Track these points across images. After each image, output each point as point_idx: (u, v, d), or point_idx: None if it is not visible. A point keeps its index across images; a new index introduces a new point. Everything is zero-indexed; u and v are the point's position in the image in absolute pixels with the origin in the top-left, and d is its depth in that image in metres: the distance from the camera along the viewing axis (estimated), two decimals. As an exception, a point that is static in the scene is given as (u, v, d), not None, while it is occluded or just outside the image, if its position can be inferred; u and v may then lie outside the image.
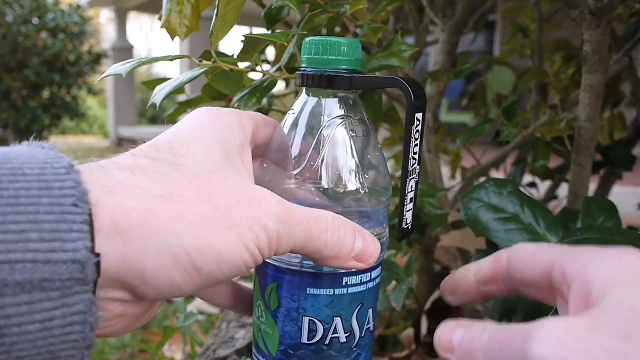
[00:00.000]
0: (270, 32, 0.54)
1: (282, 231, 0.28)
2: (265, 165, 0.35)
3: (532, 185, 1.02)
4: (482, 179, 0.81)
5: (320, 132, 0.33)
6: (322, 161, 0.33)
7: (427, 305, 0.89)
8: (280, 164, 0.34)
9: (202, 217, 0.25)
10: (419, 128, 0.33)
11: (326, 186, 0.33)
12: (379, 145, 0.36)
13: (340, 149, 0.33)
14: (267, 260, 0.34)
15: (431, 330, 0.87)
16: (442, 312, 0.89)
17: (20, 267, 0.21)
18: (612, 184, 0.94)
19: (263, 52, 0.85)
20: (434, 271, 0.90)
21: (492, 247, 0.60)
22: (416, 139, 0.33)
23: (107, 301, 0.25)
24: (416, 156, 0.34)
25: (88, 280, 0.23)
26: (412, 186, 0.34)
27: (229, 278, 0.27)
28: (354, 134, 0.34)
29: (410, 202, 0.34)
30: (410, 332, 0.90)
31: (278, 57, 0.59)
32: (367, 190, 0.33)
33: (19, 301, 0.21)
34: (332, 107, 0.34)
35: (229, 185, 0.28)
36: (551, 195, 1.01)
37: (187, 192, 0.26)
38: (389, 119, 0.84)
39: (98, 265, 0.23)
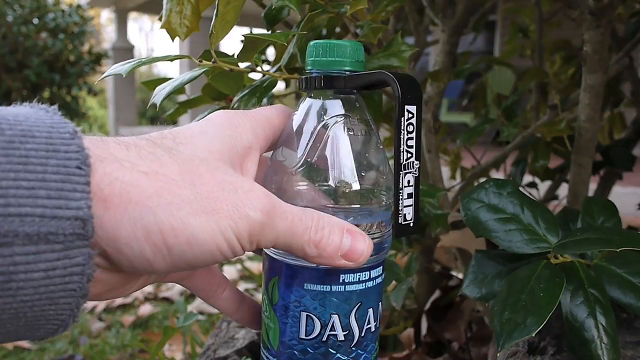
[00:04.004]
0: (270, 32, 0.54)
1: (265, 222, 0.28)
2: (270, 163, 0.36)
3: (532, 185, 1.02)
4: (482, 179, 0.81)
5: (318, 130, 0.34)
6: (321, 159, 0.33)
7: (427, 305, 0.89)
8: (282, 162, 0.35)
9: (180, 198, 0.26)
10: (412, 121, 0.33)
11: (324, 183, 0.33)
12: (381, 146, 0.36)
13: (338, 146, 0.33)
14: (270, 254, 0.35)
15: (431, 330, 0.87)
16: (442, 311, 0.89)
17: (29, 220, 0.23)
18: (612, 184, 0.94)
19: (263, 52, 0.85)
20: (433, 271, 0.90)
21: (492, 247, 0.60)
22: (409, 132, 0.33)
23: None
24: (411, 150, 0.33)
25: (88, 235, 0.24)
26: (408, 180, 0.34)
27: (204, 263, 0.28)
28: (353, 133, 0.34)
29: (409, 197, 0.34)
30: (410, 332, 0.90)
31: (278, 57, 0.59)
32: (365, 189, 0.33)
33: (26, 251, 0.23)
34: (332, 106, 0.35)
35: (217, 173, 0.28)
36: (551, 195, 1.01)
37: (172, 173, 0.27)
38: (389, 119, 0.84)
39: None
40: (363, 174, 0.33)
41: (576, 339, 0.41)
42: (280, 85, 0.55)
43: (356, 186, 0.33)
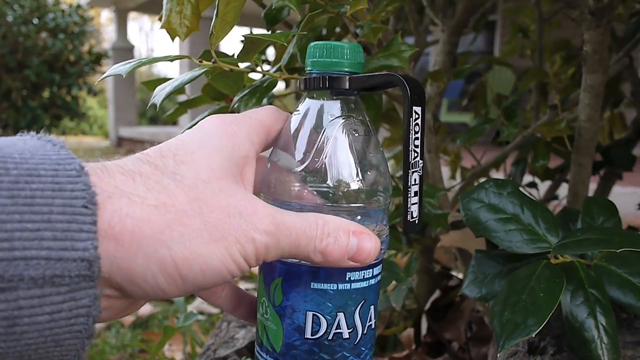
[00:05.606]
0: (270, 32, 0.54)
1: (269, 243, 0.29)
2: (269, 166, 0.36)
3: (532, 185, 1.02)
4: (482, 179, 0.81)
5: (321, 132, 0.34)
6: (322, 160, 0.33)
7: (427, 305, 0.89)
8: (283, 164, 0.35)
9: (191, 228, 0.27)
10: (419, 121, 0.34)
11: (326, 184, 0.33)
12: (380, 146, 0.36)
13: (341, 148, 0.34)
14: None
15: (431, 330, 0.87)
16: (442, 311, 0.89)
17: (34, 263, 0.22)
18: (612, 184, 0.94)
19: (263, 52, 0.85)
20: (433, 271, 0.90)
21: (492, 247, 0.60)
22: (416, 132, 0.34)
23: None
24: (417, 149, 0.34)
25: (94, 277, 0.24)
26: (415, 179, 0.35)
27: (214, 285, 0.29)
28: (355, 134, 0.34)
29: (415, 195, 0.35)
30: (410, 332, 0.90)
31: (278, 57, 0.59)
32: (366, 189, 0.34)
33: (31, 294, 0.23)
34: (333, 108, 0.35)
35: (222, 197, 0.29)
36: (551, 195, 1.01)
37: (180, 203, 0.27)
38: (388, 119, 0.84)
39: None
40: (363, 174, 0.34)
41: (576, 339, 0.41)
42: (280, 85, 0.55)
43: (357, 186, 0.33)
